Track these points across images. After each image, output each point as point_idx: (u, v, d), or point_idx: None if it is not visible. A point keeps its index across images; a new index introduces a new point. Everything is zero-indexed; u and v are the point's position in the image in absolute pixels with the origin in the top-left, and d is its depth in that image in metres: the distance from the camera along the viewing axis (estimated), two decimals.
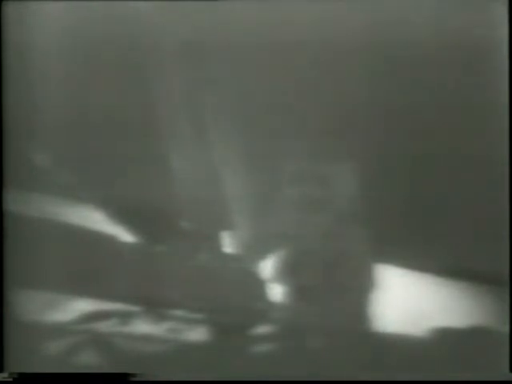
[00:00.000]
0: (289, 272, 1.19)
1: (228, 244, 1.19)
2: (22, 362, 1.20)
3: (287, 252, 1.18)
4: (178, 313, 1.19)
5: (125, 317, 1.19)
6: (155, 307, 1.19)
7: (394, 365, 1.17)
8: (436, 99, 1.17)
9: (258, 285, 1.19)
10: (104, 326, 1.19)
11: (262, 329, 1.18)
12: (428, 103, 1.17)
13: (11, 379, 1.18)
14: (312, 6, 1.18)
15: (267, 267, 1.19)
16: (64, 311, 1.19)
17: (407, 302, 1.18)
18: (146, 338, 1.19)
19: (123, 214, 1.19)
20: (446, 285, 1.18)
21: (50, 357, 1.20)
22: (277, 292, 1.19)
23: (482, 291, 1.18)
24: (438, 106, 1.18)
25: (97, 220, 1.19)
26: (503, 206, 1.17)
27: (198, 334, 1.19)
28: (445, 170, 1.17)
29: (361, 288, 1.18)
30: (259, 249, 1.19)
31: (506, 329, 1.17)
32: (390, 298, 1.18)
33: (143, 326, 1.19)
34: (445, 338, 1.17)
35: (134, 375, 1.18)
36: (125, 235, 1.19)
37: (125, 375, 1.18)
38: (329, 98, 1.18)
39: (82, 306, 1.19)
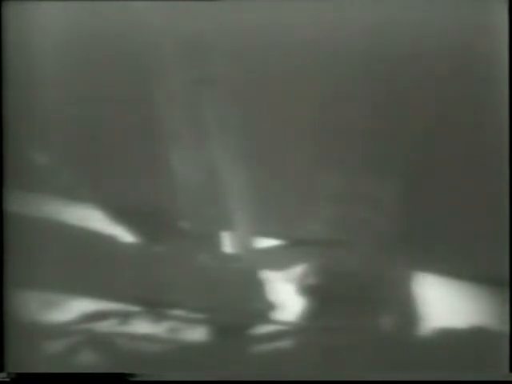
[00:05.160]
0: (288, 271, 1.19)
1: (228, 244, 1.19)
2: (21, 362, 1.20)
3: (287, 251, 1.18)
4: (178, 313, 1.19)
5: (125, 317, 1.19)
6: (155, 307, 1.19)
7: (394, 365, 1.17)
8: (436, 100, 1.17)
9: (258, 285, 1.19)
10: (104, 326, 1.19)
11: (262, 329, 1.18)
12: (428, 104, 1.18)
13: (10, 379, 1.18)
14: (312, 7, 1.18)
15: (267, 267, 1.19)
16: (64, 311, 1.19)
17: (407, 302, 1.18)
18: (146, 338, 1.19)
19: (123, 213, 1.19)
20: (447, 285, 1.18)
21: (49, 357, 1.20)
22: (277, 292, 1.19)
23: (482, 291, 1.17)
24: (438, 106, 1.18)
25: (97, 220, 1.19)
26: (503, 207, 1.17)
27: (198, 334, 1.19)
28: (445, 171, 1.17)
29: (360, 288, 1.18)
30: (259, 249, 1.19)
31: (506, 329, 1.17)
32: (389, 298, 1.18)
33: (143, 326, 1.19)
34: (445, 337, 1.17)
35: (133, 375, 1.18)
36: (125, 235, 1.19)
37: (125, 375, 1.18)
38: (329, 98, 1.18)
39: (81, 306, 1.19)
